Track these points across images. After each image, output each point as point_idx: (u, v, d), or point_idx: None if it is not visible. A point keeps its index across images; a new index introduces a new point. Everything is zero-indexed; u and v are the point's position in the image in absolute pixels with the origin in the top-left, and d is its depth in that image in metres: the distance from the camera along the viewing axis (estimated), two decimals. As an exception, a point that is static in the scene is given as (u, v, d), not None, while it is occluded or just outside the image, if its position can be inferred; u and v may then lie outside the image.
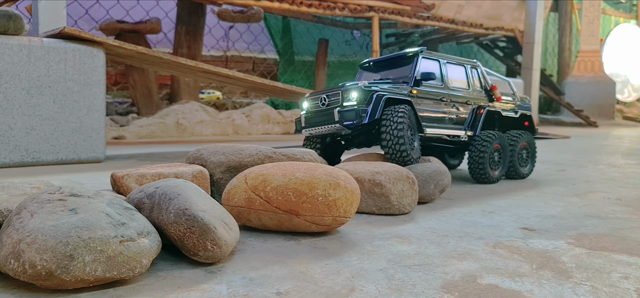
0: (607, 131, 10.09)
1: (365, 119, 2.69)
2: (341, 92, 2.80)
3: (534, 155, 3.53)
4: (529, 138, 3.48)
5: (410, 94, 2.96)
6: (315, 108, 2.98)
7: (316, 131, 2.96)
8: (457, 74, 3.31)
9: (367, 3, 8.40)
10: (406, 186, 2.30)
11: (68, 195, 1.50)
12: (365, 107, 2.72)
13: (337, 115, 2.74)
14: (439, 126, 3.09)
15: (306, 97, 3.08)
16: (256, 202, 1.89)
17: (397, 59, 3.27)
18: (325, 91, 2.94)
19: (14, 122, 3.55)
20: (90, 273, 1.30)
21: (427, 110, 3.04)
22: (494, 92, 3.44)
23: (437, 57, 3.21)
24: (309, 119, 3.00)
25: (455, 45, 13.33)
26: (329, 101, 2.89)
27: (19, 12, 3.79)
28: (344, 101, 2.78)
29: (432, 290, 1.36)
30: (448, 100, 3.17)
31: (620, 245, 1.82)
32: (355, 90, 2.76)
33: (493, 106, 3.41)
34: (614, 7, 16.64)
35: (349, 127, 2.74)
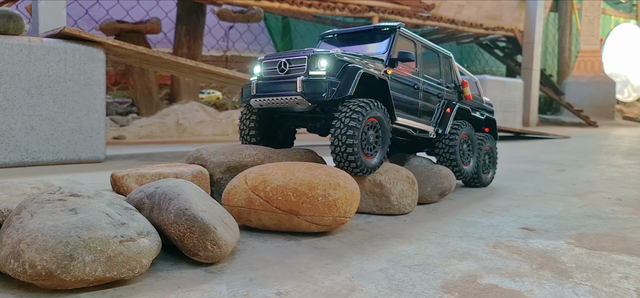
0: (607, 131, 10.09)
1: (333, 94, 2.18)
2: (308, 58, 2.26)
3: (495, 161, 3.27)
4: (492, 143, 3.24)
5: (385, 74, 2.49)
6: (271, 74, 2.39)
7: (268, 101, 2.35)
8: (430, 61, 2.92)
9: (367, 3, 8.40)
10: (406, 186, 2.30)
11: (68, 195, 1.50)
12: (335, 79, 2.21)
13: (300, 85, 2.21)
14: (409, 117, 2.65)
15: (260, 59, 2.46)
16: (256, 202, 1.89)
17: (369, 33, 2.75)
18: (286, 54, 2.38)
19: (14, 122, 3.55)
20: (90, 273, 1.30)
21: (399, 97, 2.58)
22: (464, 89, 3.10)
23: (413, 38, 2.78)
24: (261, 86, 2.38)
25: (455, 45, 13.33)
26: (290, 68, 2.32)
27: (19, 12, 3.79)
28: (310, 69, 2.25)
29: (432, 290, 1.36)
30: (421, 90, 2.76)
31: (620, 245, 1.82)
32: (325, 57, 2.23)
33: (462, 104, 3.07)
34: (614, 7, 16.64)
35: (312, 101, 2.21)
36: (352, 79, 2.21)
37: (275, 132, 2.75)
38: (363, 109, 2.16)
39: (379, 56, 2.54)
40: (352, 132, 2.11)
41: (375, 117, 2.24)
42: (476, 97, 3.31)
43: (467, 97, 3.10)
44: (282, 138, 2.79)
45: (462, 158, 2.91)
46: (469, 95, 3.10)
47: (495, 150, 3.27)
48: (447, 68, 3.05)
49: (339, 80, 2.21)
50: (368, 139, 2.22)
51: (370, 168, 2.24)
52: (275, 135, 2.75)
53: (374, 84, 2.37)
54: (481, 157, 3.10)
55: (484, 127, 3.34)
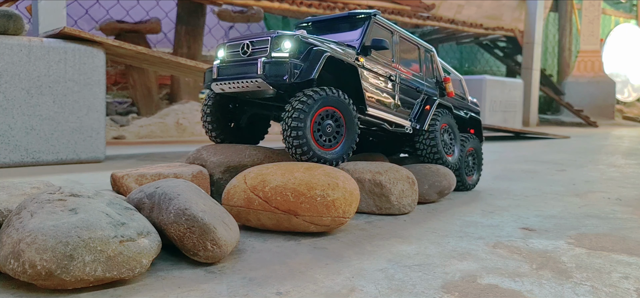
0: (607, 131, 10.09)
1: (298, 77, 2.06)
2: (271, 39, 2.15)
3: (481, 163, 3.15)
4: (475, 143, 3.11)
5: (356, 61, 2.36)
6: (234, 57, 2.27)
7: (229, 86, 2.23)
8: (409, 54, 2.78)
9: (367, 3, 8.40)
10: (406, 186, 2.30)
11: (68, 195, 1.50)
12: (299, 62, 2.09)
13: (261, 66, 2.08)
14: (383, 109, 2.52)
15: (223, 43, 2.36)
16: (255, 202, 1.89)
17: (344, 20, 2.63)
18: (249, 36, 2.27)
19: (14, 122, 3.55)
20: (90, 273, 1.30)
21: (372, 87, 2.46)
22: (446, 85, 2.97)
23: (391, 27, 2.65)
24: (222, 70, 2.27)
25: (455, 45, 13.33)
26: (253, 49, 2.20)
27: (19, 12, 3.79)
28: (273, 51, 2.14)
29: (432, 290, 1.36)
30: (397, 82, 2.62)
31: (620, 245, 1.82)
32: (289, 39, 2.13)
33: (444, 100, 2.95)
34: (614, 7, 16.64)
35: (274, 84, 2.09)
36: (317, 62, 2.08)
37: (238, 120, 2.62)
38: (313, 95, 2.05)
39: (351, 43, 2.42)
40: (298, 114, 2.02)
41: (333, 105, 2.11)
42: (460, 95, 3.21)
43: (449, 94, 2.98)
44: (248, 127, 2.64)
45: (444, 148, 2.78)
46: (451, 91, 2.98)
47: (480, 152, 3.15)
48: (429, 62, 2.93)
49: (303, 63, 2.09)
50: (324, 128, 2.11)
51: (326, 160, 2.13)
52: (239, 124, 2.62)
53: (345, 71, 2.26)
54: (463, 157, 2.96)
55: (469, 129, 3.23)
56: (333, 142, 2.15)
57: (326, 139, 2.13)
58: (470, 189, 3.02)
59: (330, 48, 2.21)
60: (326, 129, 2.12)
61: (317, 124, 2.08)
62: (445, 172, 2.62)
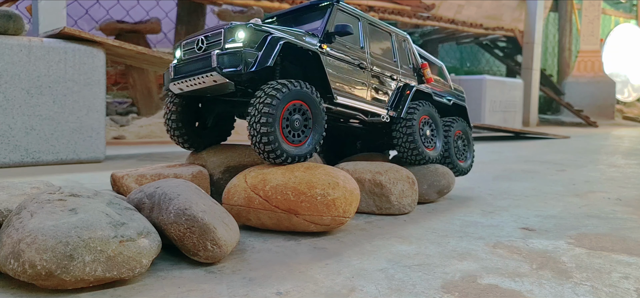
0: (607, 131, 10.09)
1: (252, 66, 1.96)
2: (224, 31, 2.06)
3: (472, 146, 3.03)
4: (463, 126, 2.97)
5: (319, 48, 2.24)
6: (190, 54, 2.17)
7: (187, 84, 2.12)
8: (381, 41, 2.66)
9: (367, 3, 8.40)
10: (406, 186, 2.30)
11: (68, 195, 1.50)
12: (254, 51, 1.99)
13: (215, 59, 1.98)
14: (355, 98, 2.41)
15: (180, 42, 2.27)
16: (255, 201, 1.89)
17: (307, 10, 2.53)
18: (203, 31, 2.17)
19: (13, 122, 3.55)
20: (90, 273, 1.30)
21: (340, 75, 2.35)
22: (424, 71, 2.85)
23: (357, 14, 2.54)
24: (178, 68, 2.17)
25: (455, 45, 13.34)
26: (208, 44, 2.11)
27: (19, 12, 3.79)
28: (226, 42, 2.04)
29: (432, 290, 1.36)
30: (368, 69, 2.51)
31: (620, 245, 1.82)
32: (243, 28, 2.04)
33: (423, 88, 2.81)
34: (614, 7, 16.65)
35: (230, 76, 1.98)
36: (273, 49, 1.99)
37: (205, 120, 2.49)
38: (279, 91, 1.94)
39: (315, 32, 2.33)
40: (266, 119, 1.91)
41: (300, 98, 2.03)
42: (442, 82, 3.08)
43: (428, 80, 2.85)
44: (213, 127, 2.52)
45: (424, 142, 2.63)
46: (429, 77, 2.85)
47: (470, 134, 3.03)
48: (403, 49, 2.80)
49: (258, 51, 1.99)
50: (292, 123, 2.01)
51: (297, 157, 2.03)
52: (205, 124, 2.49)
53: (309, 61, 2.18)
54: (451, 141, 2.84)
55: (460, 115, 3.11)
56: (302, 136, 2.06)
57: (294, 134, 2.03)
58: (465, 173, 2.93)
59: (288, 35, 2.11)
60: (294, 124, 2.03)
61: (285, 119, 1.99)
62: (444, 171, 2.61)
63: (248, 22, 2.07)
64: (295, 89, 2.00)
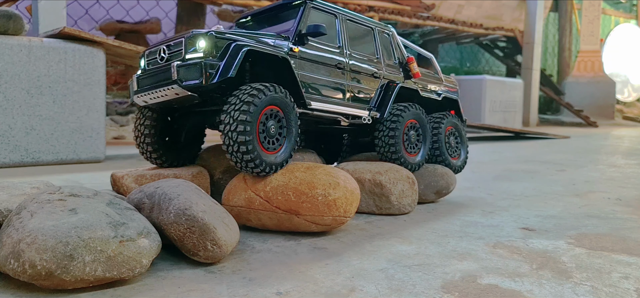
0: (607, 131, 10.10)
1: (214, 78, 1.83)
2: (185, 40, 1.93)
3: (465, 142, 2.91)
4: (454, 121, 2.85)
5: (291, 51, 2.11)
6: (153, 65, 2.06)
7: (150, 97, 2.01)
8: (361, 37, 2.52)
9: (367, 3, 8.40)
10: (406, 186, 2.30)
11: (68, 195, 1.50)
12: (216, 61, 1.86)
13: (175, 71, 1.86)
14: (332, 101, 2.28)
15: (144, 52, 2.15)
16: (256, 202, 1.89)
17: (281, 9, 2.40)
18: (165, 40, 2.05)
19: (14, 122, 3.55)
20: (90, 273, 1.30)
21: (315, 78, 2.23)
22: (410, 66, 2.68)
23: (334, 11, 2.40)
24: (141, 81, 2.06)
25: (455, 45, 13.34)
26: (170, 54, 2.00)
27: (19, 12, 3.79)
28: (187, 52, 1.93)
29: (432, 290, 1.36)
30: (347, 69, 2.38)
31: (620, 245, 1.82)
32: (204, 37, 1.91)
33: (409, 84, 2.68)
34: (614, 7, 16.65)
35: (191, 89, 1.86)
36: (235, 58, 1.87)
37: (178, 134, 2.36)
38: (255, 97, 1.84)
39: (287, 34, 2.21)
40: (244, 127, 1.80)
41: (275, 103, 1.93)
42: (430, 75, 2.93)
43: (415, 75, 2.69)
44: (186, 141, 2.38)
45: (408, 147, 2.51)
46: (416, 72, 2.68)
47: (463, 130, 2.91)
48: (387, 44, 2.65)
49: (220, 61, 1.87)
50: (268, 130, 1.91)
51: (274, 166, 1.92)
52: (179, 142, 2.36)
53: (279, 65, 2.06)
54: (442, 138, 2.72)
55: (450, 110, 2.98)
56: (276, 144, 1.95)
57: (271, 141, 1.93)
58: (459, 171, 2.83)
59: (253, 41, 1.99)
60: (270, 130, 1.92)
61: (262, 124, 1.89)
62: (444, 171, 2.59)
63: (210, 30, 1.94)
64: (271, 93, 1.90)
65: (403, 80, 2.65)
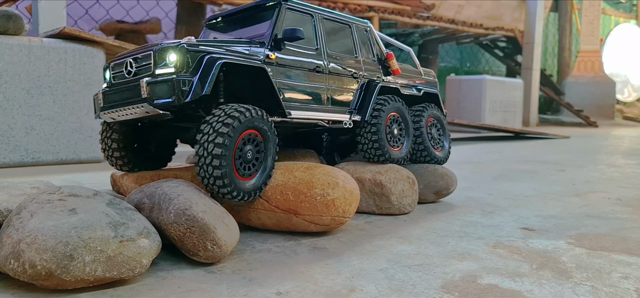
0: (607, 131, 10.10)
1: (187, 96, 1.71)
2: (154, 53, 1.80)
3: (447, 133, 2.85)
4: (435, 112, 2.79)
5: (267, 59, 2.00)
6: (119, 79, 1.93)
7: (118, 114, 1.88)
8: (339, 36, 2.43)
9: (367, 3, 8.41)
10: (406, 186, 2.30)
11: (68, 195, 1.50)
12: (189, 77, 1.74)
13: (145, 88, 1.73)
14: (312, 108, 2.19)
15: (108, 63, 2.01)
16: (255, 201, 1.89)
17: (254, 10, 2.26)
18: (132, 52, 1.91)
19: (14, 122, 3.55)
20: (90, 273, 1.30)
21: (294, 85, 2.13)
22: (389, 62, 2.59)
23: (310, 10, 2.30)
24: (108, 96, 1.93)
25: (455, 45, 13.34)
26: (137, 68, 1.86)
27: (19, 12, 3.79)
28: (157, 67, 1.78)
29: (432, 290, 1.36)
30: (326, 72, 2.27)
31: (620, 245, 1.82)
32: (174, 50, 1.77)
33: (389, 81, 2.60)
34: (614, 7, 16.66)
35: (163, 108, 1.74)
36: (209, 73, 1.74)
37: (147, 145, 2.25)
38: (231, 125, 1.71)
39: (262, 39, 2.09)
40: (219, 161, 1.69)
41: (252, 128, 1.82)
42: (409, 70, 2.84)
43: (394, 72, 2.60)
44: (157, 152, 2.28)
45: (391, 141, 2.44)
46: (396, 69, 2.60)
47: (444, 121, 2.86)
48: (365, 40, 2.56)
49: (193, 76, 1.74)
50: (245, 156, 1.80)
51: (249, 194, 1.81)
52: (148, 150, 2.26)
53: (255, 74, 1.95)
54: (424, 130, 2.66)
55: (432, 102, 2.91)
56: (251, 170, 1.84)
57: (246, 167, 1.82)
58: (443, 162, 2.76)
59: (228, 52, 1.87)
60: (247, 156, 1.81)
61: (238, 151, 1.78)
62: (443, 172, 2.58)
63: (180, 42, 1.79)
64: (247, 119, 1.77)
65: (382, 77, 2.58)
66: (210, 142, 1.70)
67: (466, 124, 7.65)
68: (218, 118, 1.73)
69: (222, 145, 1.69)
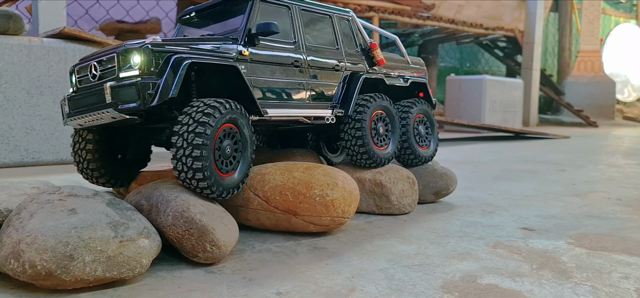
0: (607, 131, 10.10)
1: (153, 99, 1.63)
2: (117, 56, 1.71)
3: (435, 130, 2.71)
4: (424, 108, 2.66)
5: (240, 56, 1.92)
6: (85, 83, 1.84)
7: (85, 120, 1.80)
8: (319, 27, 2.33)
9: (367, 3, 8.40)
10: (406, 186, 2.30)
11: (67, 195, 1.50)
12: (155, 79, 1.65)
13: (109, 93, 1.66)
14: (291, 105, 2.11)
15: (73, 66, 1.91)
16: (254, 202, 1.89)
17: (227, 6, 2.16)
18: (97, 54, 1.81)
19: (14, 122, 3.55)
20: (90, 273, 1.30)
21: (270, 81, 2.04)
22: (374, 53, 2.47)
23: (286, 2, 2.20)
24: (73, 101, 1.85)
25: (455, 45, 13.34)
26: (101, 71, 1.77)
27: (19, 12, 3.80)
28: (121, 70, 1.69)
29: (432, 290, 1.36)
30: (305, 66, 2.18)
31: (620, 245, 1.82)
32: (138, 51, 1.68)
33: (373, 72, 2.49)
34: (614, 7, 16.66)
35: (129, 112, 1.66)
36: (175, 75, 1.66)
37: (123, 151, 2.15)
38: (211, 116, 1.65)
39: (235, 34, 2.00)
40: (200, 152, 1.62)
41: (231, 121, 1.75)
42: (395, 60, 2.72)
43: (379, 62, 2.48)
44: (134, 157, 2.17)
45: (376, 140, 2.34)
46: (381, 59, 2.48)
47: (431, 116, 2.72)
48: (347, 31, 2.45)
49: (159, 78, 1.66)
50: (224, 151, 1.73)
51: (231, 190, 1.75)
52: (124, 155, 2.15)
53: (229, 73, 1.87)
54: (411, 127, 2.54)
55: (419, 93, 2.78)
56: (230, 165, 1.77)
57: (225, 162, 1.75)
58: (428, 161, 2.62)
59: (197, 50, 1.80)
60: (225, 151, 1.74)
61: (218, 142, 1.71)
62: (443, 172, 2.57)
63: (144, 42, 1.70)
64: (227, 111, 1.71)
65: (367, 68, 2.47)
66: (191, 132, 1.62)
67: (466, 124, 7.64)
68: (197, 108, 1.67)
69: (203, 134, 1.62)
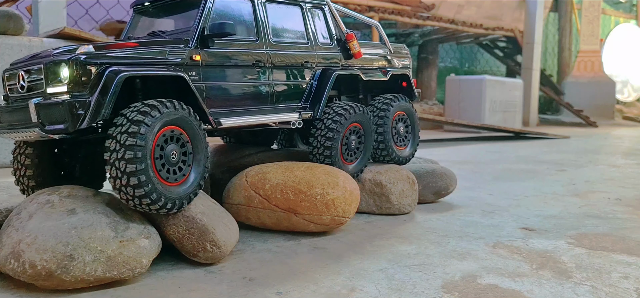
0: (607, 131, 10.10)
1: (80, 122, 1.43)
2: (44, 67, 1.50)
3: (416, 130, 2.53)
4: (405, 105, 2.47)
5: (190, 61, 1.70)
6: (14, 94, 1.64)
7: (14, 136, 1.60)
8: (287, 21, 2.10)
9: (367, 3, 8.40)
10: (406, 186, 2.30)
11: (67, 196, 1.50)
12: (86, 96, 1.45)
13: (34, 111, 1.45)
14: (251, 112, 1.90)
15: (4, 71, 1.69)
16: (255, 200, 1.89)
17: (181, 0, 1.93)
18: (24, 62, 1.61)
19: (14, 122, 3.54)
20: (90, 273, 1.30)
21: (227, 86, 1.84)
22: (350, 44, 2.25)
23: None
24: (3, 114, 1.65)
25: (455, 45, 13.34)
26: (30, 82, 1.56)
27: (19, 12, 3.79)
28: (48, 83, 1.49)
29: (432, 290, 1.36)
30: (269, 66, 1.97)
31: (620, 245, 1.82)
32: (67, 64, 1.46)
33: (349, 67, 2.28)
34: (614, 7, 16.66)
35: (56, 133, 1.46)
36: (107, 92, 1.46)
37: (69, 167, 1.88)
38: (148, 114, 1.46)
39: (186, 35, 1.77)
40: (134, 153, 1.41)
41: (174, 123, 1.55)
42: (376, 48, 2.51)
43: (355, 55, 2.27)
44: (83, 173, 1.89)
45: (345, 154, 2.17)
46: (358, 51, 2.26)
47: (414, 115, 2.53)
48: (320, 21, 2.23)
49: (91, 95, 1.45)
50: (168, 157, 1.53)
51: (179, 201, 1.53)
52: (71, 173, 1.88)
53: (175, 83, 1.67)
54: (389, 125, 2.37)
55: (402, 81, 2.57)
56: (178, 173, 1.56)
57: (171, 170, 1.54)
58: (404, 163, 2.48)
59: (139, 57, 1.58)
60: (170, 158, 1.54)
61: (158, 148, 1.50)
62: (443, 172, 2.57)
63: (76, 54, 1.48)
64: (168, 111, 1.51)
65: (342, 63, 2.27)
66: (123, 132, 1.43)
67: (466, 124, 7.64)
68: (134, 108, 1.48)
69: (136, 134, 1.42)
